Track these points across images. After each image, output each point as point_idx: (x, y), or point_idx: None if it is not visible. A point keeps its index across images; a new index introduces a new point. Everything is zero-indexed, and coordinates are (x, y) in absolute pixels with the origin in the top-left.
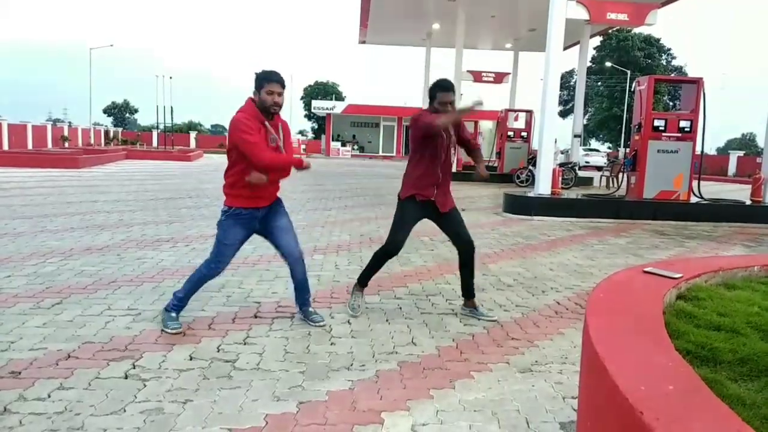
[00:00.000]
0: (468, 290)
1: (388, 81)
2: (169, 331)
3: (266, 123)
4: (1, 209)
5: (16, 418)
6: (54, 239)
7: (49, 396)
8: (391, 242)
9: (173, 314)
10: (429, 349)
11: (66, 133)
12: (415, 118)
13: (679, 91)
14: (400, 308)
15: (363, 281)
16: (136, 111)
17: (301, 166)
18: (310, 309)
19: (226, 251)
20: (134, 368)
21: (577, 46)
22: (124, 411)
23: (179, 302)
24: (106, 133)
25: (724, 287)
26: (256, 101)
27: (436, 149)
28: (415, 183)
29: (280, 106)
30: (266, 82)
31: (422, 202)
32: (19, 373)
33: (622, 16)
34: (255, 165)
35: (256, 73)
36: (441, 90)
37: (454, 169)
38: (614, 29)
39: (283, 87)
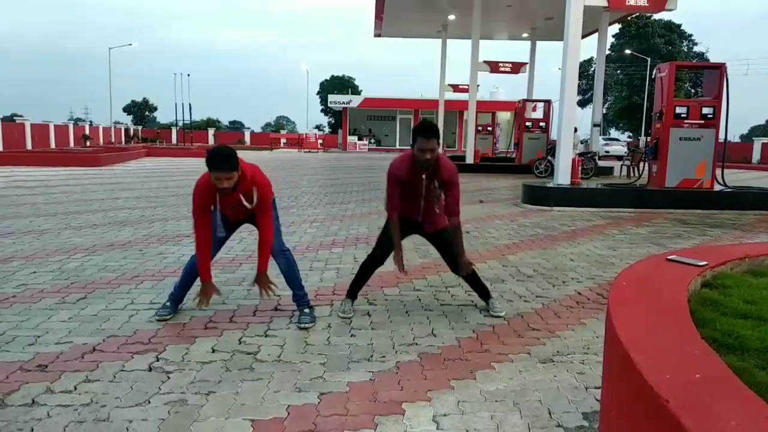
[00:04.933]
0: (482, 295)
1: (405, 74)
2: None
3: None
4: (25, 207)
5: (44, 410)
6: (78, 236)
7: (75, 388)
8: (376, 249)
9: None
10: (449, 340)
11: (87, 132)
12: (391, 165)
13: (701, 78)
14: (420, 300)
15: (352, 293)
16: (155, 109)
17: (206, 281)
18: (305, 309)
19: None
20: (158, 361)
21: (596, 34)
22: (149, 402)
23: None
24: (127, 131)
25: (750, 274)
26: None
27: (413, 198)
28: (402, 209)
29: (231, 188)
30: (210, 170)
31: (408, 218)
32: (46, 366)
33: (642, 2)
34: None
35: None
36: (422, 135)
37: (471, 161)
38: (633, 16)
39: (230, 171)
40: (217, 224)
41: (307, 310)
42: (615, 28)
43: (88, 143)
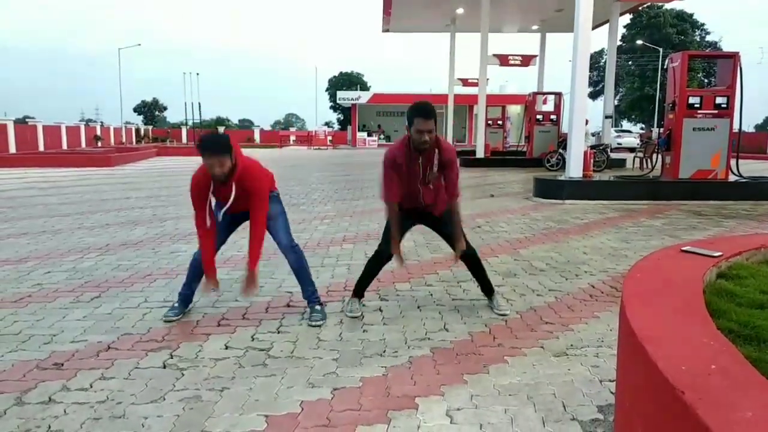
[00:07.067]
0: (485, 290)
1: (413, 68)
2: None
3: (215, 187)
4: (39, 208)
5: (61, 408)
6: (91, 235)
7: (91, 386)
8: (382, 244)
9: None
10: (462, 335)
11: (99, 133)
12: (387, 151)
13: (714, 67)
14: (432, 295)
15: (358, 292)
16: (165, 109)
17: (211, 277)
18: (316, 306)
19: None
20: (172, 358)
21: (606, 25)
22: (164, 399)
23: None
24: (137, 131)
25: (766, 264)
26: None
27: (411, 185)
28: (402, 196)
29: (224, 174)
30: (202, 155)
31: (411, 208)
32: (62, 364)
33: None
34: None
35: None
36: (420, 116)
37: (482, 155)
38: (644, 6)
39: (222, 155)
40: (216, 213)
41: (318, 308)
42: (626, 19)
43: (99, 144)
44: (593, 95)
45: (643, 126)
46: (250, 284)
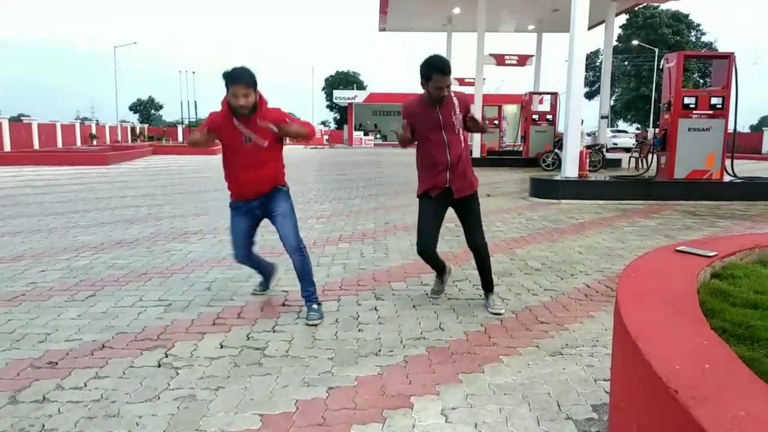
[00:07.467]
0: (485, 285)
1: (410, 68)
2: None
3: (236, 122)
4: (34, 207)
5: (55, 407)
6: (86, 234)
7: (85, 385)
8: (418, 242)
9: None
10: (457, 334)
11: (94, 131)
12: (404, 105)
13: (710, 68)
14: (427, 294)
15: (439, 273)
16: (161, 107)
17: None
18: (314, 306)
19: (235, 239)
20: (167, 357)
21: (603, 26)
22: (158, 398)
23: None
24: (133, 129)
25: (760, 264)
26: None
27: (434, 133)
28: (427, 174)
29: (248, 108)
30: (229, 85)
31: (438, 196)
32: (56, 363)
33: None
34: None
35: (222, 73)
36: (437, 71)
37: (477, 154)
38: (641, 6)
39: (249, 85)
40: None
41: (315, 307)
42: (622, 19)
43: (94, 142)
44: (589, 95)
45: (639, 126)
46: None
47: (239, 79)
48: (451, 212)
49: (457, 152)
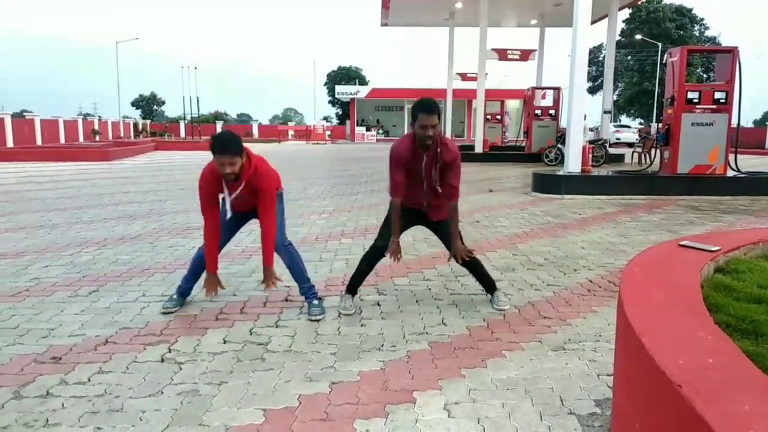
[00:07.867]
0: (487, 288)
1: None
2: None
3: (224, 183)
4: (36, 202)
5: (59, 401)
6: (88, 230)
7: (89, 380)
8: (378, 239)
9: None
10: (459, 329)
11: (96, 127)
12: (393, 147)
13: (713, 62)
14: (430, 289)
15: (352, 289)
16: (163, 103)
17: (211, 273)
18: (314, 301)
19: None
20: (170, 352)
21: (606, 20)
22: (162, 393)
23: None
24: (135, 125)
25: (764, 259)
26: None
27: (415, 179)
28: (407, 194)
29: (234, 174)
30: (214, 154)
31: (411, 209)
32: (60, 358)
33: None
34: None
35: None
36: (423, 111)
37: (480, 150)
38: (644, 0)
39: (234, 154)
40: (225, 209)
41: (316, 302)
42: (625, 13)
43: (97, 138)
44: (592, 90)
45: (642, 121)
46: (268, 280)
47: (223, 151)
48: None
49: (430, 201)
